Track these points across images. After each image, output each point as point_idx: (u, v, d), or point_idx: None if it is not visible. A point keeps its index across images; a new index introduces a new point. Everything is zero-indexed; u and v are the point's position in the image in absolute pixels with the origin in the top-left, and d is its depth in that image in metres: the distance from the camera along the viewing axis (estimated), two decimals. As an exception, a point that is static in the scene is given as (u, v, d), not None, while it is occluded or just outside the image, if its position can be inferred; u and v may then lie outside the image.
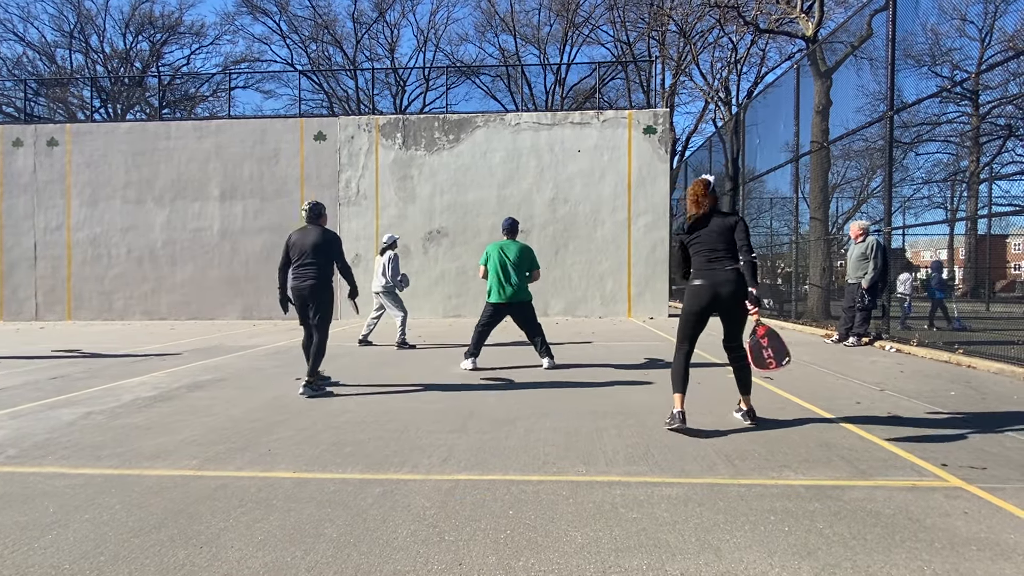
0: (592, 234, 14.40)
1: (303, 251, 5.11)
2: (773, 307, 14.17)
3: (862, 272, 8.01)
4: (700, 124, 25.41)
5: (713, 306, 3.75)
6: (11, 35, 29.77)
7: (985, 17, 9.87)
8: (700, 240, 3.83)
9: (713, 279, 3.72)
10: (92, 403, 4.85)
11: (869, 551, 2.16)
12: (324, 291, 5.12)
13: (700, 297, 3.75)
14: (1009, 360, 5.98)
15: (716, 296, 3.71)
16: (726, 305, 3.74)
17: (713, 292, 3.71)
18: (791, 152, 11.89)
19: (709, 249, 3.78)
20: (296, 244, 5.17)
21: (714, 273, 3.73)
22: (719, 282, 3.71)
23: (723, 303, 3.73)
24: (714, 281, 3.72)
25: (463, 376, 5.97)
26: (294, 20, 31.43)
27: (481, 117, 14.95)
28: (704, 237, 3.81)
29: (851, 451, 3.33)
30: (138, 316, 15.08)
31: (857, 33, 10.06)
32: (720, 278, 3.71)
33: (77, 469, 3.16)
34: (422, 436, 3.74)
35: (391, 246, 8.64)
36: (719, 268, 3.73)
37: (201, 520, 2.48)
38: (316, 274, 5.08)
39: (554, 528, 2.37)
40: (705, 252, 3.79)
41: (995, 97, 12.18)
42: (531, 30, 30.01)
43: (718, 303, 3.73)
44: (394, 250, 8.67)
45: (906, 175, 12.82)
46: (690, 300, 3.80)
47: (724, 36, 19.86)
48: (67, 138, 15.33)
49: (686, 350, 3.81)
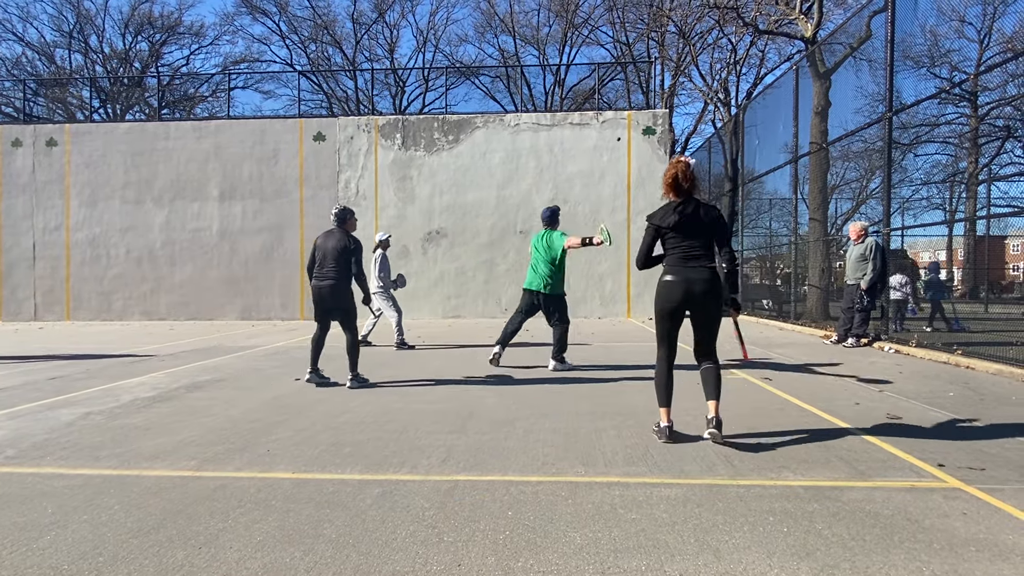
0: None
1: (324, 253, 5.41)
2: (772, 308, 14.18)
3: (861, 273, 8.01)
4: (699, 125, 25.42)
5: (686, 305, 3.45)
6: (10, 35, 29.71)
7: (984, 19, 9.89)
8: (680, 232, 3.47)
9: (687, 275, 3.43)
10: (91, 404, 4.84)
11: (868, 552, 2.16)
12: (343, 292, 5.38)
13: (673, 293, 3.44)
14: (1008, 361, 5.98)
15: (689, 294, 3.41)
16: (700, 305, 3.44)
17: (686, 289, 3.42)
18: (790, 153, 11.90)
19: (688, 245, 3.48)
20: (320, 247, 5.48)
21: (689, 270, 3.44)
22: (694, 280, 3.42)
23: (696, 302, 3.43)
24: (688, 278, 3.42)
25: (462, 377, 5.97)
26: (293, 20, 31.46)
27: (480, 118, 14.96)
28: (685, 230, 3.46)
29: (850, 452, 3.33)
30: (137, 316, 15.07)
31: (856, 34, 10.07)
32: (695, 275, 3.42)
33: (76, 470, 3.16)
34: (421, 437, 3.74)
35: (380, 245, 8.60)
36: (695, 266, 3.45)
37: (200, 521, 2.48)
38: (335, 275, 5.33)
39: (553, 529, 2.37)
40: (684, 247, 3.48)
41: (994, 98, 12.21)
42: (530, 31, 30.04)
43: (691, 302, 3.44)
44: (384, 249, 8.62)
45: (905, 176, 12.83)
46: (662, 298, 3.49)
47: (723, 37, 19.89)
48: (66, 138, 15.32)
49: (667, 354, 3.55)
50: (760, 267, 16.41)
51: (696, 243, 3.49)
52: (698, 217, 3.48)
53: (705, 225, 3.49)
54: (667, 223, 3.52)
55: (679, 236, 3.50)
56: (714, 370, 3.53)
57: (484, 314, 14.64)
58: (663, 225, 3.54)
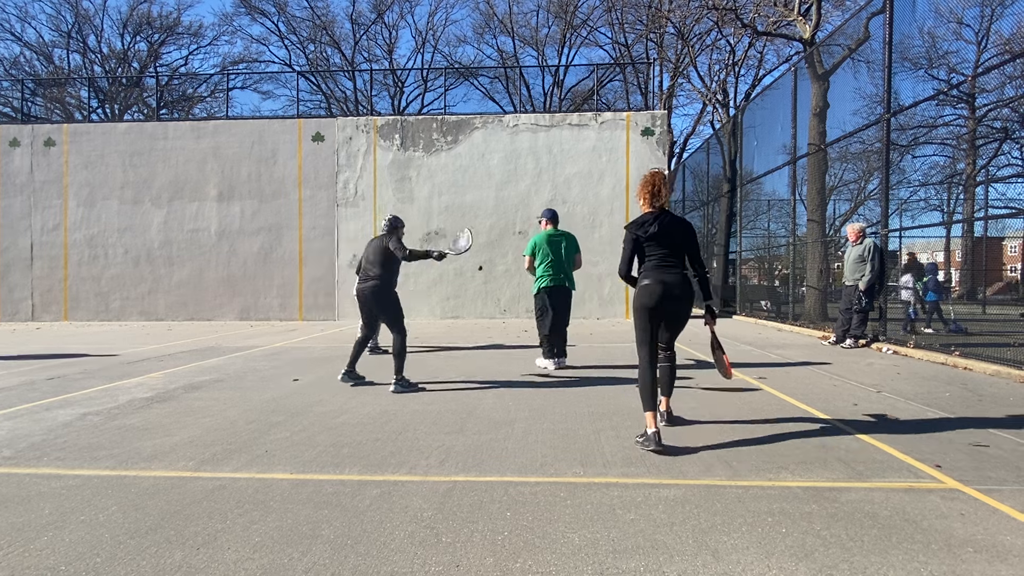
0: (590, 235, 14.42)
1: (367, 257, 5.64)
2: (771, 309, 14.19)
3: (859, 274, 8.02)
4: (698, 126, 25.44)
5: (663, 303, 3.59)
6: (8, 35, 29.66)
7: (981, 20, 9.91)
8: (656, 242, 3.66)
9: (662, 278, 3.60)
10: (89, 404, 4.83)
11: (866, 553, 2.16)
12: (385, 293, 5.46)
13: (652, 295, 3.59)
14: (1005, 362, 6.00)
15: (667, 296, 3.58)
16: (673, 307, 3.63)
17: (663, 291, 3.58)
18: (789, 154, 11.92)
19: (664, 254, 3.66)
20: (365, 251, 5.77)
21: (664, 273, 3.62)
22: (669, 282, 3.59)
23: (671, 304, 3.61)
24: (663, 280, 3.60)
25: (460, 377, 5.97)
26: (292, 21, 31.45)
27: (479, 118, 14.96)
28: (661, 239, 3.65)
29: (848, 453, 3.33)
30: (135, 317, 15.04)
31: (854, 36, 10.09)
32: (672, 280, 3.60)
33: (73, 470, 3.15)
34: (420, 437, 3.73)
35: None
36: (671, 271, 3.63)
37: (198, 522, 2.48)
38: (377, 276, 5.46)
39: (552, 530, 2.37)
40: (660, 255, 3.66)
41: (991, 100, 12.23)
42: (529, 32, 30.05)
43: (667, 303, 3.60)
44: None
45: (903, 177, 12.86)
46: (642, 299, 3.63)
47: (722, 38, 19.90)
48: (64, 138, 15.29)
49: (648, 356, 3.61)
50: (758, 268, 16.42)
51: (670, 252, 3.68)
52: (674, 228, 3.69)
53: (679, 236, 3.70)
54: (646, 233, 3.67)
55: (655, 245, 3.68)
56: (670, 368, 3.86)
57: (483, 315, 14.64)
58: (642, 234, 3.68)
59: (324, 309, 14.88)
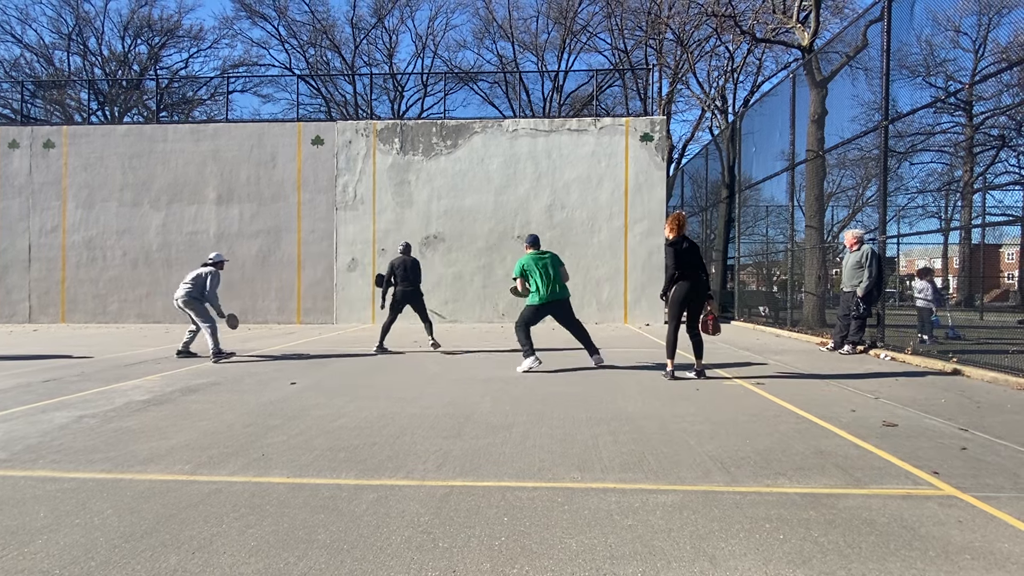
0: (589, 240, 14.44)
1: (406, 268, 8.49)
2: (769, 315, 14.19)
3: (857, 280, 8.03)
4: (697, 132, 25.53)
5: (691, 295, 5.90)
6: (9, 37, 29.71)
7: (979, 29, 9.96)
8: (687, 255, 5.90)
9: (695, 280, 5.93)
10: (85, 406, 4.82)
11: (864, 560, 2.16)
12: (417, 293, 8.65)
13: (687, 291, 5.92)
14: (1003, 369, 6.00)
15: (696, 291, 5.93)
16: (698, 296, 5.97)
17: (694, 288, 5.92)
18: (787, 160, 11.95)
19: (692, 263, 5.92)
20: (399, 264, 8.52)
21: (692, 277, 5.92)
22: (698, 284, 5.94)
23: (697, 297, 5.97)
24: (695, 283, 5.93)
25: (459, 381, 5.96)
26: (292, 25, 31.55)
27: (479, 123, 14.99)
28: (688, 255, 5.90)
29: (846, 459, 3.33)
30: (133, 319, 15.02)
31: (852, 43, 10.13)
32: (698, 280, 5.95)
33: (68, 473, 3.14)
34: (417, 441, 3.72)
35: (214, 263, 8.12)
36: (697, 275, 5.95)
37: (193, 525, 2.46)
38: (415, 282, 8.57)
39: (549, 535, 2.37)
40: (691, 263, 5.92)
41: (989, 108, 12.28)
42: (529, 37, 30.19)
43: (695, 296, 5.94)
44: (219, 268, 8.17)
45: (901, 184, 12.89)
46: (679, 293, 5.93)
47: (721, 45, 19.99)
48: (63, 140, 15.29)
49: (676, 326, 5.98)
50: (757, 274, 16.43)
51: (695, 261, 5.95)
52: (694, 248, 6.00)
53: (696, 253, 5.99)
54: (681, 248, 5.91)
55: (686, 258, 5.92)
56: (698, 335, 6.14)
57: (481, 319, 14.63)
58: (679, 249, 5.89)
59: (322, 312, 14.87)
